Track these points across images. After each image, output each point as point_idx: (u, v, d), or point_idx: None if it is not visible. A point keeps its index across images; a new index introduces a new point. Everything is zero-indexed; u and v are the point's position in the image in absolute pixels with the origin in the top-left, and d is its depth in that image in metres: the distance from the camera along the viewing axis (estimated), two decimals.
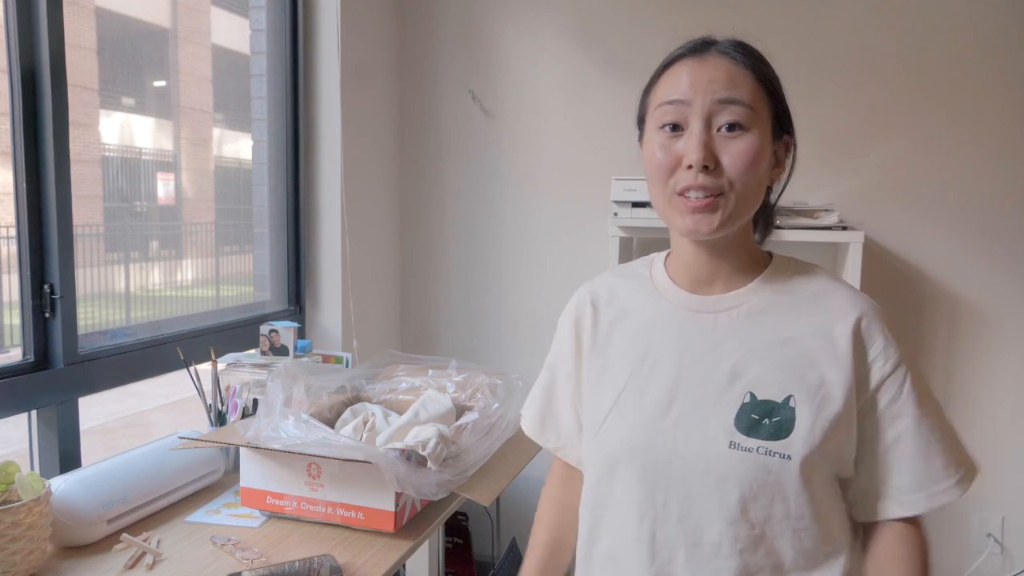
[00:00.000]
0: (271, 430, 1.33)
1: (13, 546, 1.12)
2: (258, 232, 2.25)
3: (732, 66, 0.88)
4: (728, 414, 0.87)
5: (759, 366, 0.88)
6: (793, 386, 0.87)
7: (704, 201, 0.85)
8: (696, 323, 0.93)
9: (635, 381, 0.93)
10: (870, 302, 0.93)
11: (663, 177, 0.88)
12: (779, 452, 0.85)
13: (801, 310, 0.91)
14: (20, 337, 1.48)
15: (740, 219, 0.89)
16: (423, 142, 2.63)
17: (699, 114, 0.86)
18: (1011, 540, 2.30)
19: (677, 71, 0.90)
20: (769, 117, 0.89)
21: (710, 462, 0.86)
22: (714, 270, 0.93)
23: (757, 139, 0.86)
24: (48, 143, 1.45)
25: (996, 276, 2.24)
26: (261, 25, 2.19)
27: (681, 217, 0.87)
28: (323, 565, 1.19)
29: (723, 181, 0.85)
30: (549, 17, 2.47)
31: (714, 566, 0.87)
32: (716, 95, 0.86)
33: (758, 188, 0.89)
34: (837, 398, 0.86)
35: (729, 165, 0.85)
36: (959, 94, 2.21)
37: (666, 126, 0.88)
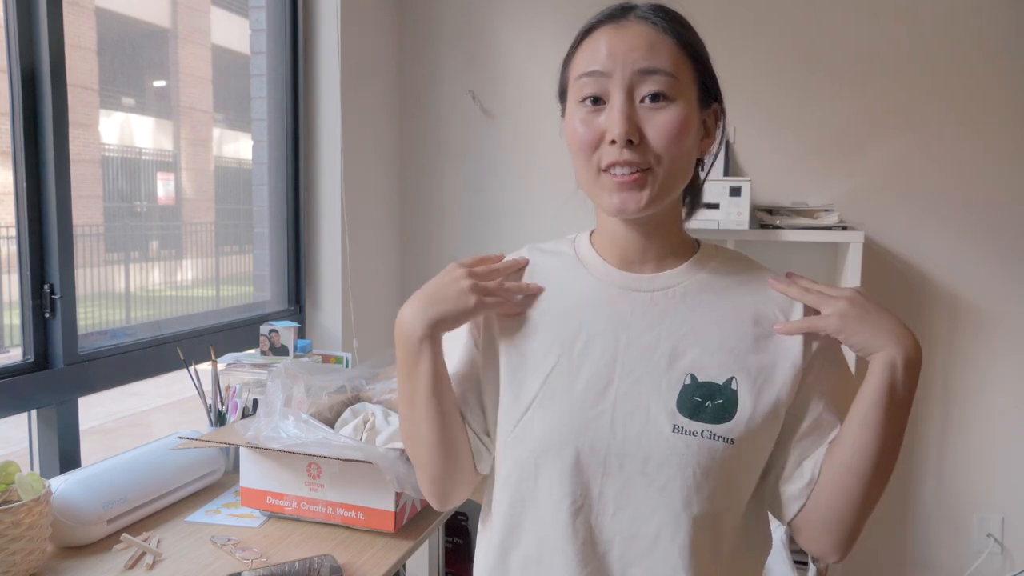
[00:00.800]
0: (271, 430, 1.33)
1: (13, 546, 1.12)
2: (258, 232, 2.25)
3: (652, 32, 0.82)
4: (670, 396, 0.82)
5: (699, 347, 0.84)
6: (734, 368, 0.83)
7: (631, 177, 0.81)
8: (631, 301, 0.87)
9: (565, 362, 0.86)
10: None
11: (586, 153, 0.83)
12: (723, 436, 0.81)
13: (739, 293, 0.88)
14: (20, 337, 1.48)
15: (669, 194, 0.84)
16: (423, 142, 2.63)
17: (620, 85, 0.81)
18: (1011, 540, 2.30)
19: (595, 40, 0.84)
20: (694, 85, 0.84)
21: (652, 447, 0.81)
22: (644, 248, 0.89)
23: (682, 109, 0.81)
24: (48, 143, 1.45)
25: (996, 276, 2.24)
26: (261, 25, 2.19)
27: (608, 195, 0.83)
28: (323, 565, 1.19)
29: (649, 156, 0.81)
30: (549, 17, 2.47)
31: (651, 560, 0.82)
32: (636, 64, 0.80)
33: (686, 161, 0.84)
34: (778, 382, 0.83)
35: (654, 138, 0.80)
36: (959, 94, 2.21)
37: (587, 99, 0.83)
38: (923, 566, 2.36)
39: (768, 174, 2.34)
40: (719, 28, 2.32)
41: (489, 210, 2.59)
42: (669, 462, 0.81)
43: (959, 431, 2.30)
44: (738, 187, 2.09)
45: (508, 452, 0.89)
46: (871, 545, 2.40)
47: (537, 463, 0.86)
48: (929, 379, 2.31)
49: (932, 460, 2.33)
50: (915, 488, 2.35)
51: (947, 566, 2.34)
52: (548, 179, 2.50)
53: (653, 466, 0.81)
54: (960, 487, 2.32)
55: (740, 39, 2.32)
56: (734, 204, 2.09)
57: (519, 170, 2.54)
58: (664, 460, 0.81)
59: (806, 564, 1.85)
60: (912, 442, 2.34)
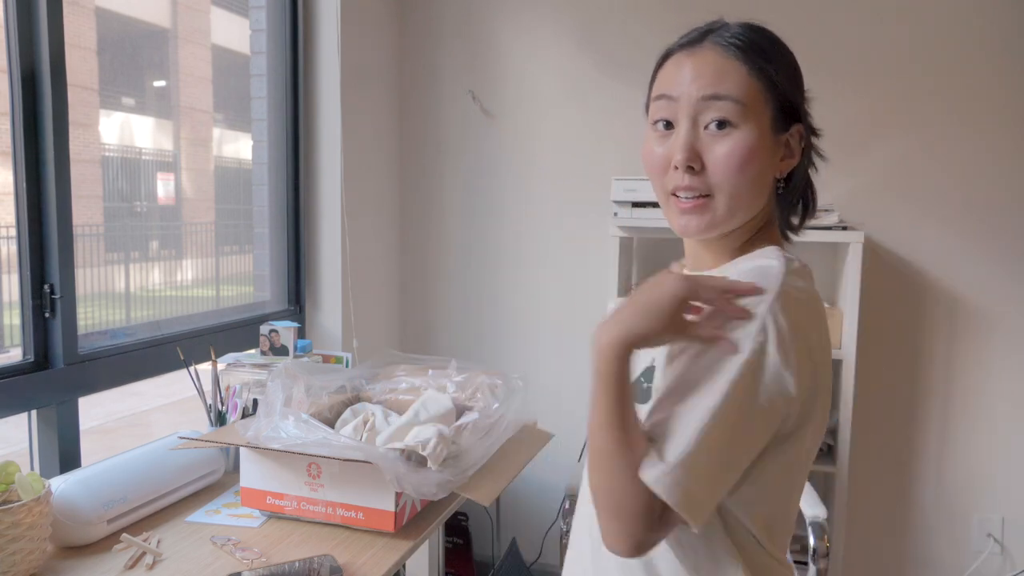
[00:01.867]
0: (271, 430, 1.33)
1: (13, 546, 1.12)
2: (258, 232, 2.25)
3: (721, 59, 0.84)
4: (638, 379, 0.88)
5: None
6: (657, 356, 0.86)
7: (692, 203, 0.84)
8: None
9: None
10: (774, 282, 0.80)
11: (657, 175, 0.87)
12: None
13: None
14: (20, 337, 1.48)
15: (734, 218, 0.86)
16: (423, 142, 2.63)
17: (686, 112, 0.83)
18: (1011, 540, 2.30)
19: (671, 64, 0.87)
20: (768, 110, 0.84)
21: None
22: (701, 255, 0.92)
23: (747, 136, 0.82)
24: (48, 143, 1.45)
25: (996, 276, 2.24)
26: (261, 25, 2.19)
27: (675, 217, 0.87)
28: (323, 565, 1.19)
29: (709, 182, 0.83)
30: (549, 17, 2.47)
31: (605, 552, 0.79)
32: (702, 91, 0.83)
33: (752, 186, 0.84)
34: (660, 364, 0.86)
35: (713, 166, 0.82)
36: (960, 94, 2.21)
37: (659, 122, 0.86)
38: (923, 566, 2.36)
39: None
40: None
41: (489, 210, 2.59)
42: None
43: (959, 431, 2.30)
44: None
45: None
46: (871, 545, 2.40)
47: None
48: (929, 379, 2.31)
49: (932, 460, 2.33)
50: (915, 488, 2.35)
51: (947, 566, 2.34)
52: (548, 179, 2.50)
53: None
54: (960, 487, 2.32)
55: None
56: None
57: (519, 170, 2.54)
58: None
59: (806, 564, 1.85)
60: (912, 442, 2.34)
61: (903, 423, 2.33)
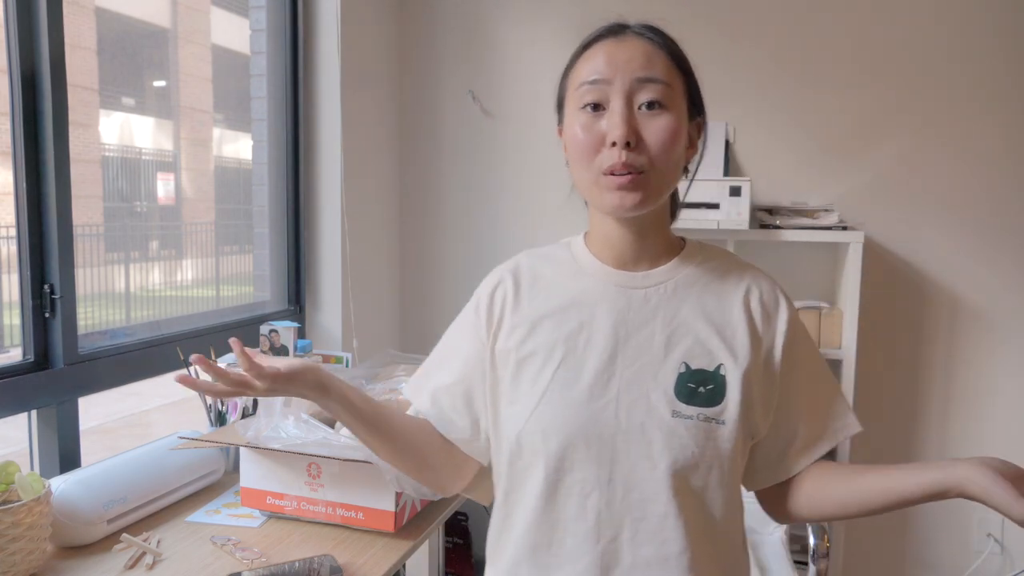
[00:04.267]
0: (271, 430, 1.33)
1: (13, 546, 1.12)
2: (258, 232, 2.25)
3: (648, 46, 0.90)
4: (668, 384, 0.89)
5: (690, 337, 0.92)
6: (722, 355, 0.91)
7: (628, 178, 0.87)
8: (627, 298, 0.94)
9: (570, 358, 0.92)
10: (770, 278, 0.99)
11: (588, 157, 0.89)
12: (714, 418, 0.88)
13: (721, 284, 0.96)
14: (20, 337, 1.48)
15: (661, 196, 0.91)
16: (423, 142, 2.63)
17: (620, 92, 0.88)
18: (1011, 540, 2.30)
19: (595, 52, 0.92)
20: (684, 96, 0.91)
21: (654, 432, 0.88)
22: (639, 248, 0.95)
23: (675, 118, 0.88)
24: (48, 143, 1.45)
25: (996, 276, 2.24)
26: (261, 25, 2.19)
27: (608, 195, 0.89)
28: (323, 565, 1.19)
29: (644, 158, 0.87)
30: (549, 17, 2.47)
31: (660, 538, 0.88)
32: (635, 73, 0.88)
33: (676, 166, 0.91)
34: (755, 363, 0.92)
35: (651, 142, 0.87)
36: (959, 94, 2.21)
37: (587, 106, 0.90)
38: (923, 566, 2.36)
39: (768, 174, 2.33)
40: (719, 28, 2.32)
41: (489, 210, 2.59)
42: (671, 445, 0.88)
43: (959, 431, 2.30)
44: (738, 187, 2.09)
45: (521, 443, 0.93)
46: (871, 545, 2.40)
47: (548, 453, 0.91)
48: (929, 379, 2.31)
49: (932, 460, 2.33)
50: None
51: (947, 566, 2.34)
52: (548, 179, 2.50)
53: (656, 450, 0.88)
54: None
55: (740, 39, 2.31)
56: (734, 204, 2.09)
57: (519, 170, 2.54)
58: (666, 443, 0.88)
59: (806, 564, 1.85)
60: (912, 442, 2.34)
61: (903, 423, 2.33)
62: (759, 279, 0.97)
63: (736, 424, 0.89)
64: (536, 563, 0.93)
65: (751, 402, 0.91)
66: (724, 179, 2.14)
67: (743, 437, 0.91)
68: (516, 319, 0.97)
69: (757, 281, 0.97)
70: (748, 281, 0.96)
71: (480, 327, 1.00)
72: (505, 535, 0.98)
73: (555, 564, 0.92)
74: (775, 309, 0.95)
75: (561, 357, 0.92)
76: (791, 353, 0.94)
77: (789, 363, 0.94)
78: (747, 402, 0.90)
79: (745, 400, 0.90)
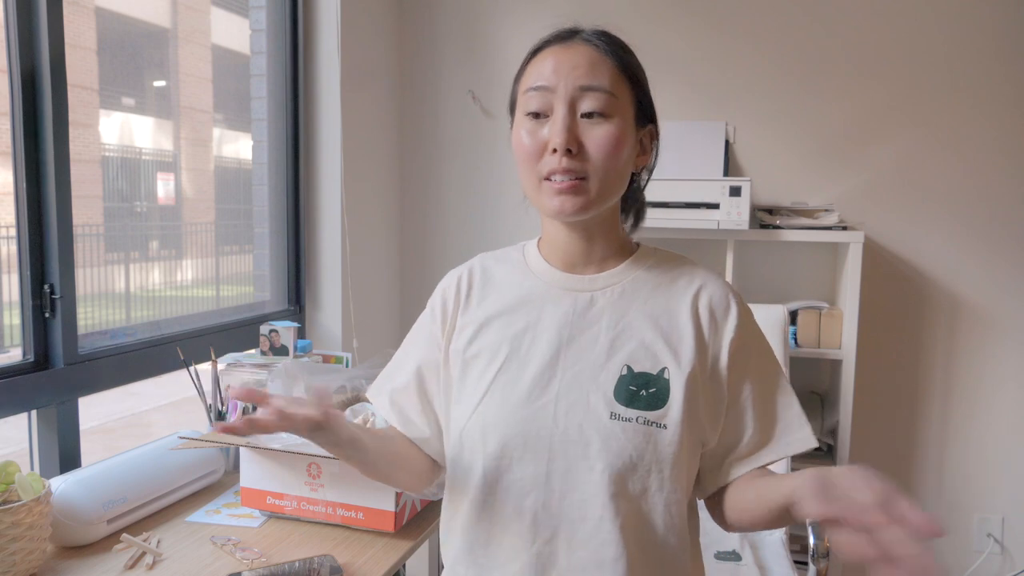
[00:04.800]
0: None
1: (13, 546, 1.12)
2: (258, 232, 2.25)
3: (594, 53, 0.91)
4: (608, 387, 0.89)
5: (635, 340, 0.92)
6: (666, 359, 0.91)
7: (568, 184, 0.89)
8: (574, 301, 0.96)
9: (514, 359, 0.94)
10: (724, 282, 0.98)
11: (531, 163, 0.92)
12: (655, 421, 0.88)
13: (670, 288, 0.96)
14: (20, 337, 1.48)
15: (604, 202, 0.92)
16: (423, 142, 2.63)
17: (563, 99, 0.89)
18: (1011, 540, 2.30)
19: (542, 58, 0.94)
20: (631, 104, 0.92)
21: (592, 434, 0.88)
22: (587, 252, 0.97)
23: (617, 126, 0.89)
24: (48, 143, 1.45)
25: (996, 276, 2.24)
26: (261, 25, 2.19)
27: (548, 199, 0.91)
28: (323, 565, 1.19)
29: (586, 165, 0.89)
30: (549, 17, 2.46)
31: (596, 541, 0.88)
32: (578, 81, 0.89)
33: (620, 173, 0.92)
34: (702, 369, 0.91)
35: (592, 149, 0.88)
36: (959, 94, 2.21)
37: (531, 113, 0.92)
38: None
39: (768, 174, 2.34)
40: (719, 28, 2.32)
41: (489, 210, 2.59)
42: (608, 447, 0.88)
43: (959, 431, 2.30)
44: (738, 187, 2.09)
45: (463, 441, 0.95)
46: None
47: (486, 452, 0.92)
48: (929, 379, 2.31)
49: (932, 460, 2.33)
50: (915, 488, 2.35)
51: (947, 566, 2.34)
52: None
53: (593, 451, 0.88)
54: (960, 487, 2.32)
55: (740, 39, 2.31)
56: (734, 204, 2.09)
57: None
58: (603, 445, 0.88)
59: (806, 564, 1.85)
60: (912, 442, 2.34)
61: (903, 423, 2.33)
62: (711, 283, 0.96)
63: (679, 428, 0.88)
64: (474, 562, 0.94)
65: (695, 407, 0.90)
66: (724, 179, 2.14)
67: (689, 443, 0.89)
68: (466, 319, 1.00)
69: (708, 285, 0.96)
70: (698, 285, 0.96)
71: (435, 329, 1.03)
72: (448, 535, 0.99)
73: (491, 564, 0.92)
74: (724, 314, 0.94)
75: (504, 357, 0.94)
76: (739, 360, 0.93)
77: (737, 370, 0.93)
78: (691, 407, 0.89)
79: (689, 404, 0.89)
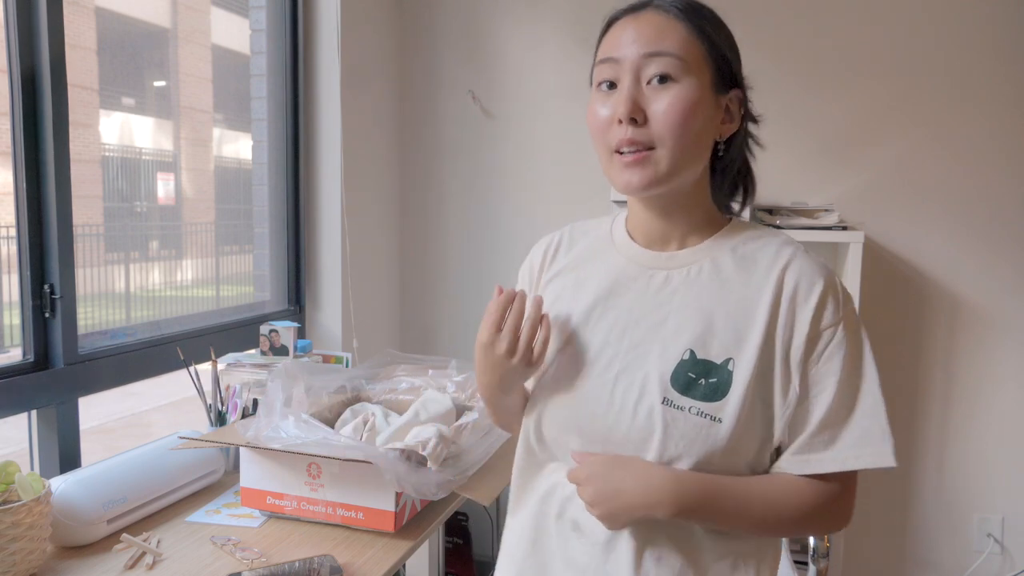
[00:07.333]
0: (271, 430, 1.33)
1: (13, 546, 1.12)
2: (258, 232, 2.25)
3: (663, 19, 0.87)
4: (667, 370, 0.86)
5: (703, 325, 0.86)
6: (734, 349, 0.85)
7: (634, 156, 0.85)
8: (648, 279, 0.92)
9: (582, 332, 0.93)
10: (814, 262, 0.89)
11: (601, 135, 0.89)
12: (710, 414, 0.83)
13: (752, 269, 0.89)
14: (20, 337, 1.48)
15: (677, 174, 0.87)
16: (423, 142, 2.63)
17: (628, 69, 0.86)
18: (1011, 540, 2.30)
19: (614, 30, 0.90)
20: (708, 69, 0.87)
21: (642, 417, 0.85)
22: (665, 228, 0.93)
23: (687, 89, 0.84)
24: (48, 143, 1.45)
25: (996, 276, 2.24)
26: (261, 25, 2.19)
27: (618, 174, 0.88)
28: (323, 565, 1.19)
29: (652, 135, 0.85)
30: (549, 17, 2.47)
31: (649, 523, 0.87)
32: (644, 49, 0.85)
33: (695, 141, 0.86)
34: (774, 362, 0.85)
35: (657, 117, 0.84)
36: (959, 94, 2.21)
37: (602, 84, 0.89)
38: (923, 566, 2.36)
39: (768, 174, 2.33)
40: None
41: (489, 210, 2.59)
42: (653, 432, 0.84)
43: (959, 431, 2.30)
44: None
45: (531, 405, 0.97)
46: (871, 545, 2.40)
47: (540, 423, 0.94)
48: (929, 379, 2.31)
49: (932, 460, 2.33)
50: (915, 488, 2.35)
51: (947, 566, 2.34)
52: (548, 179, 2.50)
53: (638, 435, 0.86)
54: (960, 487, 2.32)
55: (740, 39, 2.31)
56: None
57: (519, 170, 2.54)
58: (649, 430, 0.85)
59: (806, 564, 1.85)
60: (912, 442, 2.34)
61: (903, 423, 2.33)
62: (797, 261, 0.87)
63: (734, 424, 0.82)
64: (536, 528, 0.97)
65: (758, 403, 0.84)
66: None
67: (746, 439, 0.84)
68: (546, 287, 1.00)
69: (795, 264, 0.87)
70: (783, 264, 0.88)
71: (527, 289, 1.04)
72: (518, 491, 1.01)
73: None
74: (807, 297, 0.85)
75: (572, 331, 0.93)
76: (813, 350, 0.85)
77: (811, 362, 0.85)
78: (753, 403, 0.83)
79: (751, 401, 0.83)
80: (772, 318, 0.85)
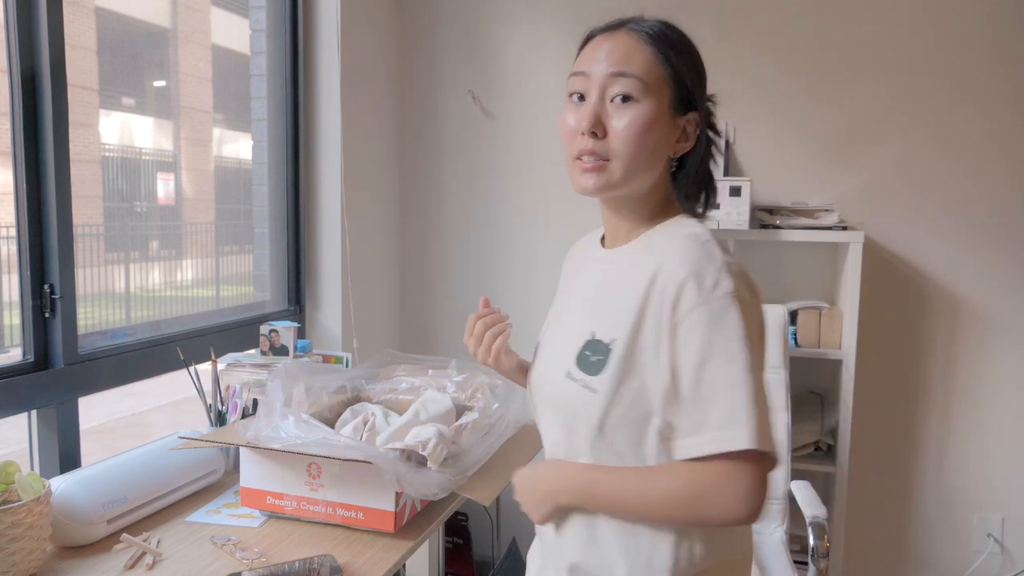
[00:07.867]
0: (271, 430, 1.33)
1: (13, 546, 1.12)
2: (258, 232, 2.25)
3: (633, 42, 0.94)
4: (575, 350, 0.97)
5: (604, 309, 0.97)
6: (620, 330, 0.93)
7: (592, 164, 0.95)
8: (597, 271, 1.05)
9: (549, 322, 1.11)
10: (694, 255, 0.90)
11: (567, 141, 0.98)
12: (590, 386, 0.93)
13: (645, 260, 0.95)
14: (20, 337, 1.48)
15: (628, 183, 0.95)
16: (423, 142, 2.63)
17: (596, 84, 0.94)
18: (1011, 540, 2.30)
19: (590, 46, 0.99)
20: (668, 92, 0.94)
21: (552, 391, 1.00)
22: (618, 223, 1.03)
23: (645, 110, 0.93)
24: (48, 143, 1.45)
25: (996, 276, 2.24)
26: (261, 25, 2.19)
27: (576, 177, 0.97)
28: (323, 565, 1.19)
29: (609, 148, 0.94)
30: (549, 17, 2.47)
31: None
32: (610, 69, 0.94)
33: (647, 158, 0.95)
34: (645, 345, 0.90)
35: (615, 132, 0.93)
36: (959, 94, 2.21)
37: (573, 95, 0.97)
38: (923, 566, 2.37)
39: (768, 174, 2.34)
40: (719, 28, 2.32)
41: (489, 210, 2.59)
42: (557, 404, 1.00)
43: (959, 431, 2.30)
44: (738, 187, 2.09)
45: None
46: (871, 545, 2.40)
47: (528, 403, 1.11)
48: (929, 379, 2.31)
49: (932, 460, 2.33)
50: (915, 488, 2.35)
51: (947, 566, 2.34)
52: (548, 179, 2.50)
53: (550, 408, 1.02)
54: (960, 487, 2.32)
55: (740, 39, 2.31)
56: (734, 204, 2.09)
57: (519, 170, 2.54)
58: (555, 402, 1.00)
59: (806, 564, 1.85)
60: (912, 442, 2.34)
61: (903, 423, 2.33)
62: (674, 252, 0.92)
63: (607, 396, 0.91)
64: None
65: (634, 379, 0.90)
66: (724, 179, 2.14)
67: (619, 412, 0.91)
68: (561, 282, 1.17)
69: (671, 255, 0.91)
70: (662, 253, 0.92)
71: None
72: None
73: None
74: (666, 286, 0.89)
75: (545, 326, 1.12)
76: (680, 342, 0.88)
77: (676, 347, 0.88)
78: (627, 377, 0.90)
79: (621, 376, 0.91)
80: (644, 303, 0.92)
